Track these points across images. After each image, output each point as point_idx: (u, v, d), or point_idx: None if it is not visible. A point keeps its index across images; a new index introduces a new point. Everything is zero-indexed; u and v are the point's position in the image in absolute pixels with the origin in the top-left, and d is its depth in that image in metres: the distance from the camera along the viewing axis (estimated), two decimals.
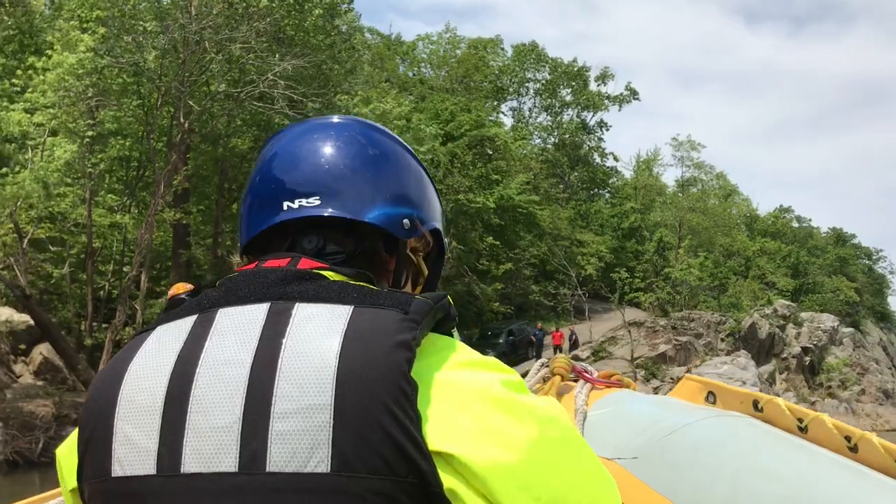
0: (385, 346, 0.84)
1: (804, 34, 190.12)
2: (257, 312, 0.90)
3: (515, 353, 35.30)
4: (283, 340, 0.86)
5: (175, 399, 0.88)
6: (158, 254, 30.98)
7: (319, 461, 0.81)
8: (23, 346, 24.73)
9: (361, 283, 0.95)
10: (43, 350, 24.54)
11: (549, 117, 53.46)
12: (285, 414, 0.82)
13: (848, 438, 1.38)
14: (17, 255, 23.52)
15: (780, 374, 42.62)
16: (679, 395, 1.75)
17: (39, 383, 23.53)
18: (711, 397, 1.67)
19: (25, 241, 23.70)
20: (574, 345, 35.31)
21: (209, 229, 29.95)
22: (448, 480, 0.81)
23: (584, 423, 1.57)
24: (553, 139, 52.84)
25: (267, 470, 0.82)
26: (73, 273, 29.36)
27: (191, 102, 22.78)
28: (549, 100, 53.82)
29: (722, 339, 39.25)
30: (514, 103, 54.46)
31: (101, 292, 28.40)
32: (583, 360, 34.91)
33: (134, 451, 0.88)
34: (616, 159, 54.04)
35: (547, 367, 1.79)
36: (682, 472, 1.39)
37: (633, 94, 53.64)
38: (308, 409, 0.82)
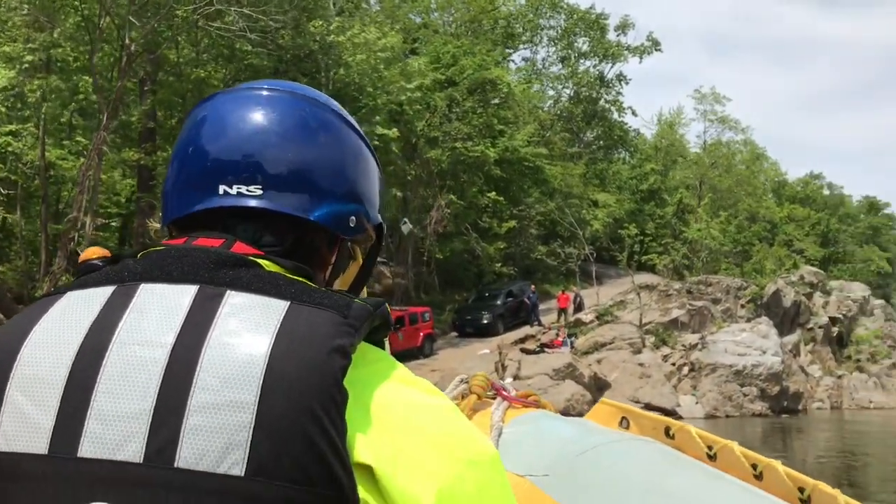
0: (320, 349, 0.78)
1: (841, 2, 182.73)
2: (184, 294, 0.83)
3: (516, 316, 32.52)
4: (210, 328, 0.80)
5: (81, 375, 0.79)
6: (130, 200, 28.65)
7: (234, 463, 0.74)
8: None
9: (299, 278, 0.87)
10: None
11: (564, 69, 50.02)
12: (203, 407, 0.76)
13: (754, 466, 1.46)
14: None
15: (806, 345, 39.52)
16: (594, 418, 1.79)
17: None
18: (625, 422, 1.71)
19: None
20: (579, 308, 32.48)
21: None
22: (364, 493, 0.77)
23: (500, 439, 1.57)
24: (568, 91, 49.45)
25: (175, 465, 0.75)
26: (31, 220, 27.15)
27: (132, 19, 19.97)
28: (566, 51, 50.36)
29: (742, 306, 36.15)
30: (528, 53, 51.13)
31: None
32: (586, 324, 32.21)
33: (24, 426, 0.79)
34: (634, 114, 50.38)
35: (466, 382, 1.79)
36: (591, 492, 1.41)
37: (655, 44, 49.94)
38: (229, 405, 0.75)
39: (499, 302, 32.18)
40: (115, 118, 20.88)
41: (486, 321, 30.94)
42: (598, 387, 24.15)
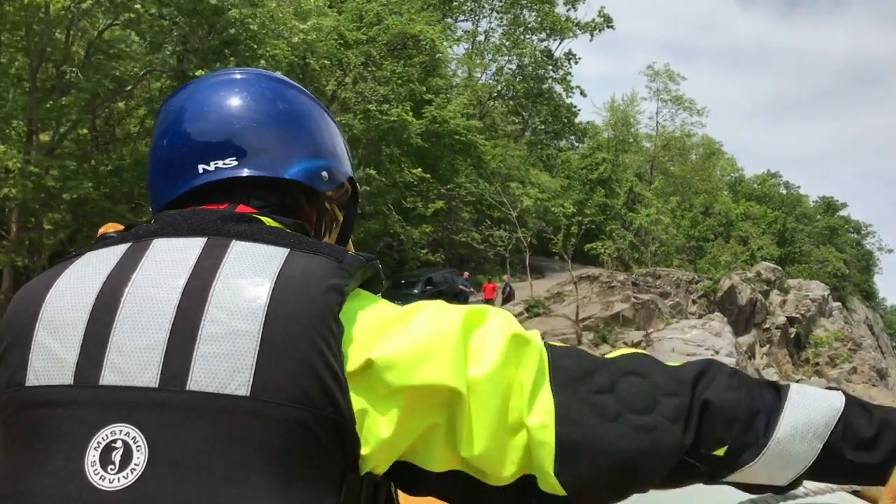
0: (318, 287, 0.86)
1: (798, 13, 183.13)
2: (194, 245, 0.91)
3: None
4: (218, 271, 0.88)
5: (100, 316, 0.87)
6: None
7: (240, 384, 0.82)
8: None
9: (297, 233, 0.97)
10: None
11: (508, 43, 45.87)
12: (212, 337, 0.84)
13: None
14: None
15: (762, 346, 35.93)
16: None
17: None
18: None
19: None
20: (508, 298, 28.34)
21: (22, 126, 22.59)
22: (359, 402, 0.84)
23: None
24: (511, 66, 45.30)
25: (187, 388, 0.83)
26: None
27: None
28: (511, 27, 46.31)
29: (694, 301, 32.38)
30: (469, 25, 46.90)
31: None
32: (515, 316, 28.04)
33: (51, 362, 0.87)
34: (583, 94, 46.44)
35: None
36: None
37: (607, 21, 46.13)
38: (235, 333, 0.83)
39: (416, 291, 27.85)
40: None
41: None
42: None
